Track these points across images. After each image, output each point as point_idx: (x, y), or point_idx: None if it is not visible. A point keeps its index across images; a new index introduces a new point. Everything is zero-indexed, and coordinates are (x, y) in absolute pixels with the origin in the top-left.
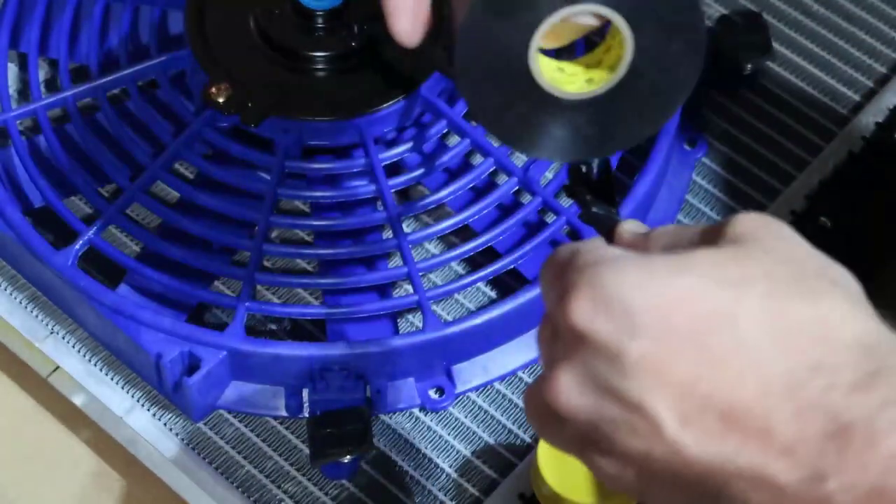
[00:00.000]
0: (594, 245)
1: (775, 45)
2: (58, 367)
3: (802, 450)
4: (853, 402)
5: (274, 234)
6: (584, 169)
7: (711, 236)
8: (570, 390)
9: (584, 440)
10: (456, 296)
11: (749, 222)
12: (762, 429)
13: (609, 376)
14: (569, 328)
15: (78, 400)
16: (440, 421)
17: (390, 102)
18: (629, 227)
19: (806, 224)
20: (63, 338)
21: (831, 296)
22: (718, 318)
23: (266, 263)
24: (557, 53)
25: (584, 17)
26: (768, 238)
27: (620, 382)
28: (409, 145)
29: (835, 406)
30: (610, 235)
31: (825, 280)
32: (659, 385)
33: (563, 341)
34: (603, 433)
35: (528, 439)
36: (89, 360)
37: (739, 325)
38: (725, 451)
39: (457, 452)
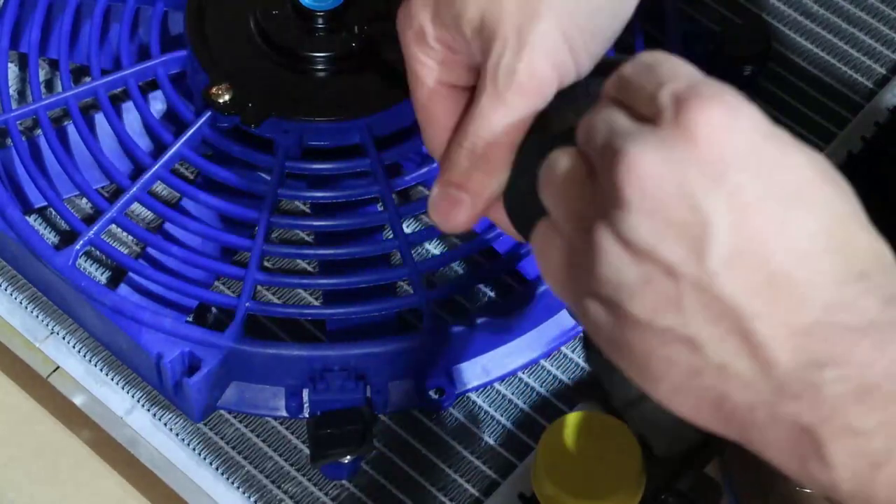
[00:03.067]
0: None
1: (775, 46)
2: (58, 368)
3: (818, 334)
4: (884, 314)
5: (274, 235)
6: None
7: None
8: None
9: (616, 277)
10: (456, 297)
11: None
12: (798, 300)
13: (695, 184)
14: (702, 121)
15: (78, 400)
16: (440, 421)
17: (391, 103)
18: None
19: None
20: (63, 338)
21: (855, 213)
22: (800, 199)
23: (266, 264)
24: None
25: None
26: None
27: (702, 198)
28: (409, 146)
29: (867, 311)
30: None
31: (847, 189)
32: (731, 208)
33: (671, 131)
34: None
35: (528, 439)
36: (89, 361)
37: (813, 213)
38: (753, 304)
39: (457, 452)
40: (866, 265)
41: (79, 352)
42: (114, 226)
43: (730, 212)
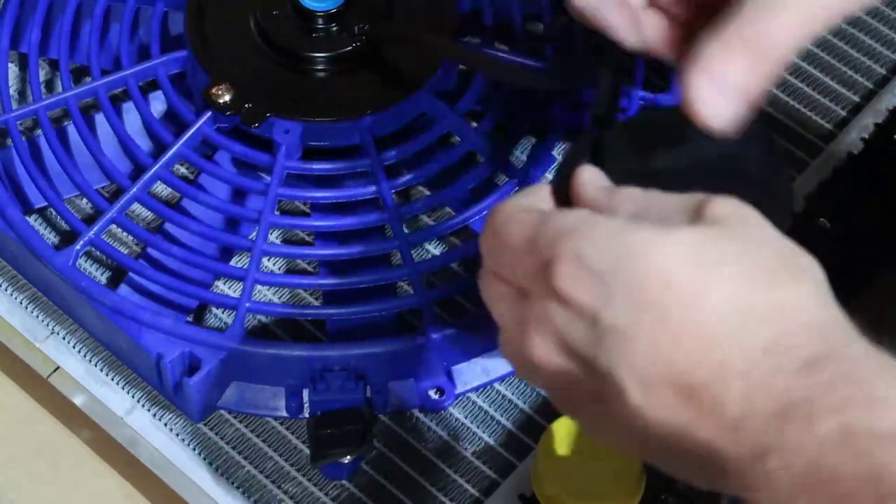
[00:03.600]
0: (559, 217)
1: None
2: (58, 368)
3: (748, 428)
4: (797, 385)
5: (274, 235)
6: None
7: (687, 213)
8: (545, 349)
9: (554, 390)
10: (456, 297)
11: (726, 206)
12: (715, 405)
13: (582, 341)
14: (551, 290)
15: (78, 400)
16: (440, 421)
17: (391, 103)
18: (589, 177)
19: (805, 225)
20: (63, 338)
21: (796, 283)
22: (689, 296)
23: (266, 264)
24: None
25: None
26: (743, 224)
27: (592, 348)
28: (409, 146)
29: (780, 388)
30: (566, 182)
31: (792, 268)
32: (626, 354)
33: (538, 301)
34: (572, 388)
35: (528, 439)
36: (90, 361)
37: (707, 305)
38: (681, 421)
39: (457, 453)
40: (776, 334)
41: (79, 352)
42: (114, 226)
43: (624, 356)
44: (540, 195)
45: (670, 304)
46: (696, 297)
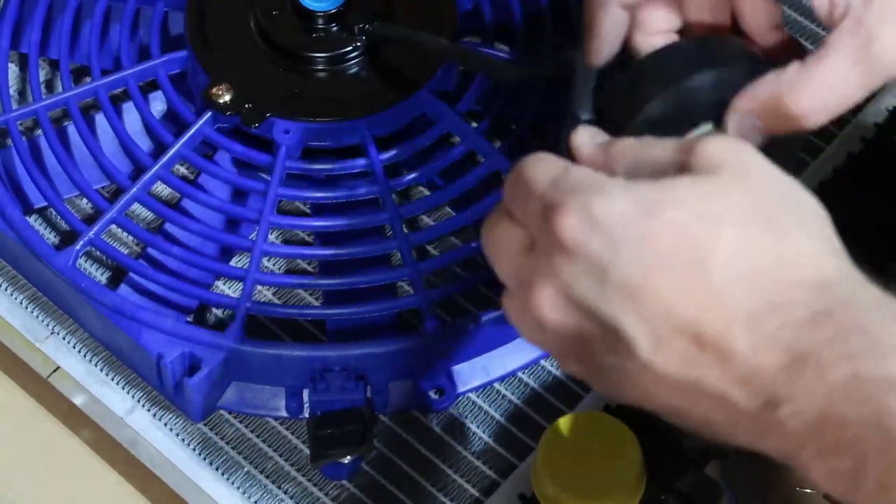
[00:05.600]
0: (577, 171)
1: None
2: (58, 368)
3: (758, 379)
4: (804, 338)
5: (274, 235)
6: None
7: (679, 162)
8: (552, 305)
9: (562, 348)
10: (456, 297)
11: (720, 150)
12: (724, 358)
13: (591, 295)
14: (558, 242)
15: (78, 400)
16: (440, 421)
17: (391, 103)
18: (584, 138)
19: None
20: (63, 338)
21: (797, 232)
22: (695, 251)
23: (266, 264)
24: None
25: None
26: (741, 167)
27: (601, 302)
28: (409, 146)
29: (788, 341)
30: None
31: (794, 215)
32: (636, 308)
33: (545, 255)
34: (581, 345)
35: (528, 440)
36: (90, 361)
37: (713, 260)
38: (692, 374)
39: (457, 452)
40: (783, 288)
41: (79, 352)
42: (114, 226)
43: (634, 310)
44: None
45: (677, 260)
46: (703, 251)
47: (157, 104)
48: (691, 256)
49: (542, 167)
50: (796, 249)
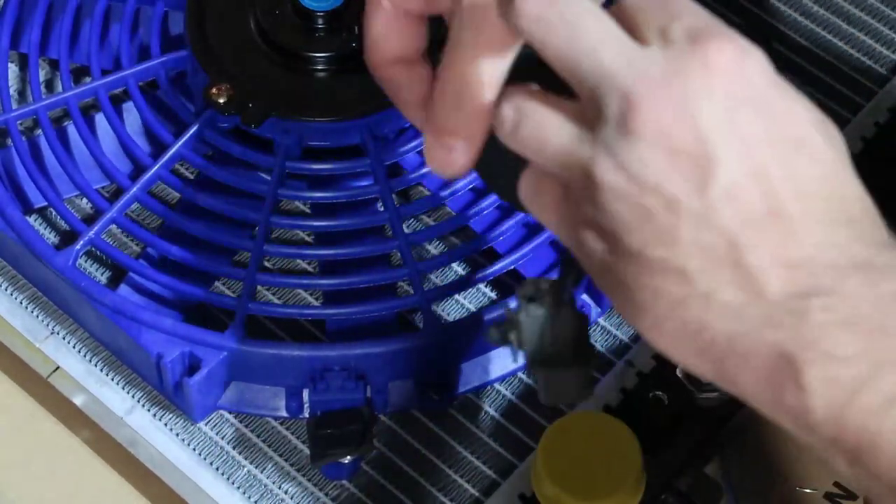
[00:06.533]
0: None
1: (775, 46)
2: (58, 368)
3: (810, 268)
4: (870, 254)
5: (274, 235)
6: None
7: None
8: (668, 110)
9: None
10: (456, 296)
11: (733, 56)
12: (789, 239)
13: (715, 118)
14: (719, 48)
15: (78, 400)
16: (440, 421)
17: (391, 103)
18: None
19: None
20: (63, 338)
21: (835, 156)
22: (801, 145)
23: (266, 264)
24: None
25: None
26: (762, 82)
27: (720, 132)
28: (409, 146)
29: (855, 253)
30: None
31: (829, 137)
32: (739, 150)
33: (681, 53)
34: (663, 165)
35: (528, 439)
36: (90, 361)
37: (812, 160)
38: (749, 236)
39: (457, 452)
40: (856, 213)
41: (79, 352)
42: (114, 226)
43: (736, 146)
44: None
45: (791, 139)
46: (803, 140)
47: (157, 104)
48: (795, 138)
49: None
50: (840, 178)
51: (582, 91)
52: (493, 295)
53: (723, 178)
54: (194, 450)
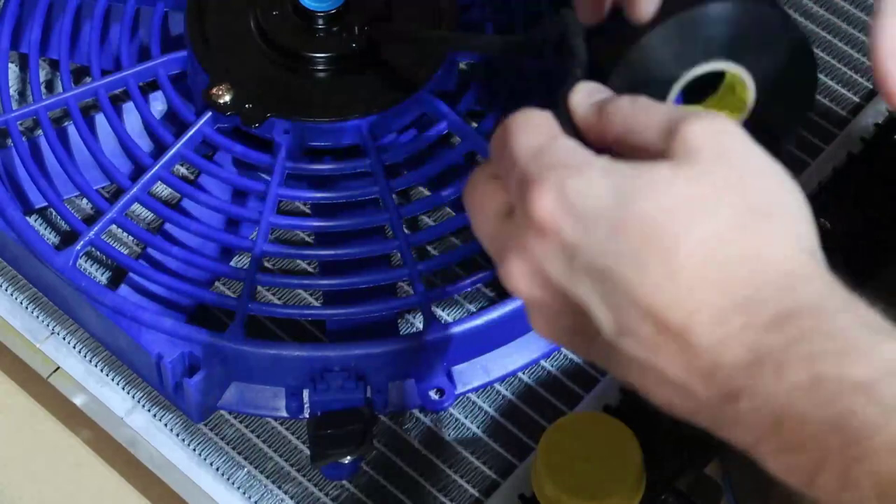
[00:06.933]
0: (561, 144)
1: None
2: (58, 368)
3: (719, 373)
4: (767, 339)
5: (274, 235)
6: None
7: (663, 145)
8: (524, 278)
9: (532, 314)
10: (456, 297)
11: (702, 135)
12: (686, 349)
13: (560, 275)
14: (531, 219)
15: (78, 400)
16: (440, 421)
17: (391, 103)
18: (580, 96)
19: None
20: (64, 338)
21: (771, 226)
22: (667, 241)
23: (266, 264)
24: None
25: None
26: (721, 153)
27: (569, 284)
28: (409, 146)
29: (750, 339)
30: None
31: (770, 208)
32: (603, 292)
33: (519, 227)
34: (549, 316)
35: (528, 440)
36: (90, 361)
37: (681, 254)
38: (655, 361)
39: (457, 453)
40: (749, 286)
41: (79, 352)
42: (114, 226)
43: (598, 297)
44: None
45: (646, 251)
46: (672, 243)
47: (157, 104)
48: (660, 248)
49: (528, 134)
50: (768, 245)
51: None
52: (493, 296)
53: (605, 329)
54: (194, 450)
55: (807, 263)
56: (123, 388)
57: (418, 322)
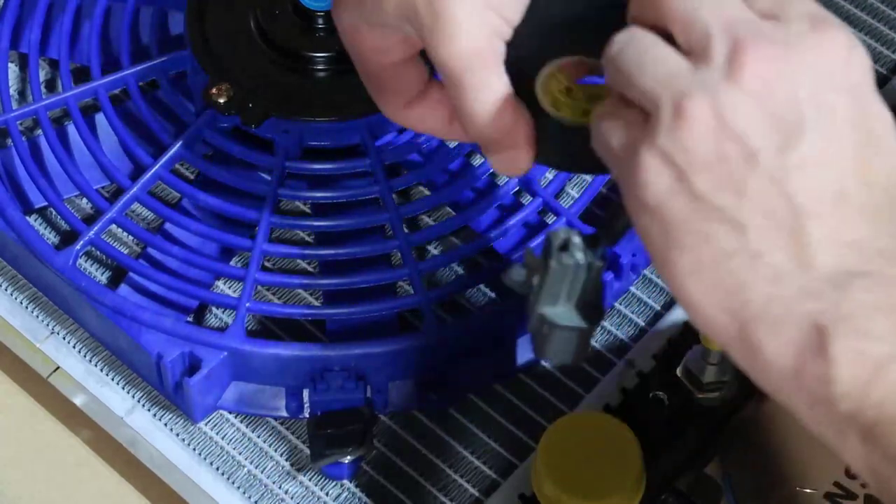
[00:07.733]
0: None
1: None
2: (58, 368)
3: (857, 251)
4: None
5: (274, 235)
6: None
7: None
8: (701, 123)
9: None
10: (456, 296)
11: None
12: (851, 219)
13: (807, 88)
14: (743, 70)
15: (78, 400)
16: (440, 421)
17: None
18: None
19: None
20: (64, 338)
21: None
22: (880, 143)
23: (266, 264)
24: None
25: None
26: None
27: (808, 102)
28: (409, 146)
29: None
30: None
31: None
32: (827, 129)
33: (715, 78)
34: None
35: (528, 439)
36: (90, 361)
37: (886, 159)
38: (815, 209)
39: (457, 452)
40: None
41: (79, 352)
42: (114, 226)
43: (824, 125)
44: None
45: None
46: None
47: (157, 104)
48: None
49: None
50: None
51: (691, 32)
52: (493, 295)
53: (805, 148)
54: (194, 450)
55: None
56: (123, 388)
57: (418, 322)
